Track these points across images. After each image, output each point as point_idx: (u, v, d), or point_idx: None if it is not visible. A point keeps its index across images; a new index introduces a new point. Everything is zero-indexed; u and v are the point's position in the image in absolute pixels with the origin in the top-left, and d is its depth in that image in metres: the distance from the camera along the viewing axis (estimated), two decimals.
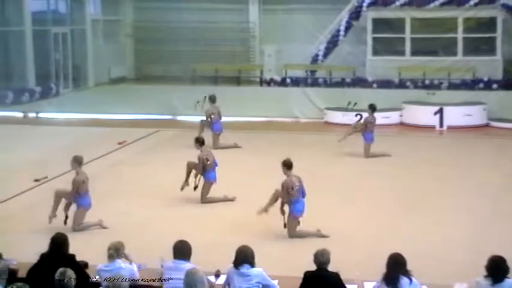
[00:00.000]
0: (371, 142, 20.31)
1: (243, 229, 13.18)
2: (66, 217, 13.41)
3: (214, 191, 15.59)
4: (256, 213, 13.28)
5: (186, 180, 15.39)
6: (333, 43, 34.62)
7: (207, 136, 19.15)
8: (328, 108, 26.68)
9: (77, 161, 13.89)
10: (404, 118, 26.06)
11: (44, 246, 9.81)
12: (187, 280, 8.11)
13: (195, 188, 15.42)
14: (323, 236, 12.96)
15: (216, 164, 15.60)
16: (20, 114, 28.13)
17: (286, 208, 13.14)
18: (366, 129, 20.42)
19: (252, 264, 9.29)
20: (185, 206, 15.15)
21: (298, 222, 13.22)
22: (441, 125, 25.22)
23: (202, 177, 15.40)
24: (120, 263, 9.51)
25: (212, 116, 21.38)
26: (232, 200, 15.48)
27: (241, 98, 27.71)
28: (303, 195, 13.28)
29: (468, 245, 12.51)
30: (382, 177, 17.80)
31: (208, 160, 15.32)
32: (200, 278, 8.14)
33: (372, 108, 20.82)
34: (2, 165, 18.96)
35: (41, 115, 27.93)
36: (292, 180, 13.14)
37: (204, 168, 15.32)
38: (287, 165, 13.28)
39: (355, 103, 26.47)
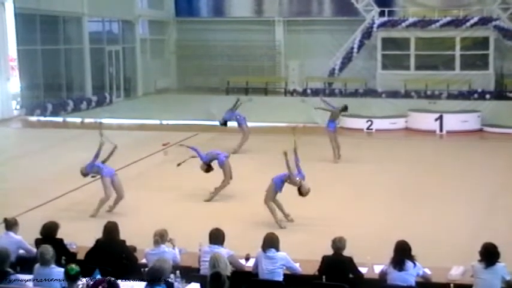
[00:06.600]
0: (333, 130, 19.59)
1: (269, 220, 13.11)
2: None
3: (239, 183, 15.60)
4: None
5: None
6: (347, 59, 34.69)
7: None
8: (343, 115, 26.55)
9: None
10: (409, 124, 25.90)
11: (99, 232, 9.86)
12: (211, 262, 8.16)
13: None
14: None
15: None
16: (78, 120, 28.24)
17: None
18: (332, 116, 19.75)
19: (277, 249, 9.26)
20: (220, 200, 15.13)
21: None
22: (441, 129, 25.04)
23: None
24: (164, 247, 9.50)
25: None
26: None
27: (269, 106, 27.71)
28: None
29: (466, 233, 12.41)
30: (390, 175, 17.70)
31: None
32: (222, 259, 8.15)
33: (345, 108, 20.37)
34: (65, 163, 19.08)
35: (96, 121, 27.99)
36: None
37: None
38: None
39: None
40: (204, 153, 15.34)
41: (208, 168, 15.21)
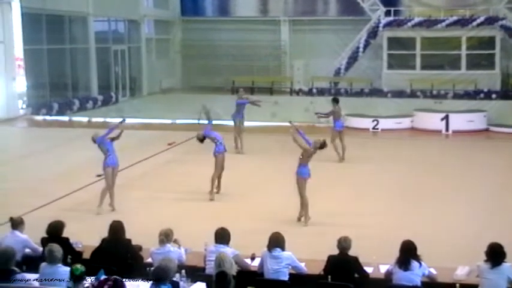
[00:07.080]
0: (340, 129, 19.66)
1: (274, 219, 13.11)
2: None
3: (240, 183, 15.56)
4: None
5: None
6: (353, 58, 34.69)
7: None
8: (348, 115, 26.54)
9: None
10: (415, 123, 25.88)
11: (105, 232, 9.84)
12: (217, 261, 8.14)
13: None
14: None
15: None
16: (84, 119, 28.20)
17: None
18: (335, 117, 19.79)
19: (283, 248, 9.25)
20: (225, 200, 15.13)
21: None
22: (447, 129, 25.01)
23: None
24: (170, 247, 9.49)
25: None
26: None
27: (274, 106, 27.65)
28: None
29: (471, 233, 12.40)
30: (394, 175, 17.68)
31: None
32: (228, 259, 8.14)
33: (335, 101, 20.38)
34: (71, 162, 19.12)
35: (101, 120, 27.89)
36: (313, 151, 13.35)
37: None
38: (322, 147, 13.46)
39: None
40: (211, 131, 15.76)
41: (202, 140, 15.74)
